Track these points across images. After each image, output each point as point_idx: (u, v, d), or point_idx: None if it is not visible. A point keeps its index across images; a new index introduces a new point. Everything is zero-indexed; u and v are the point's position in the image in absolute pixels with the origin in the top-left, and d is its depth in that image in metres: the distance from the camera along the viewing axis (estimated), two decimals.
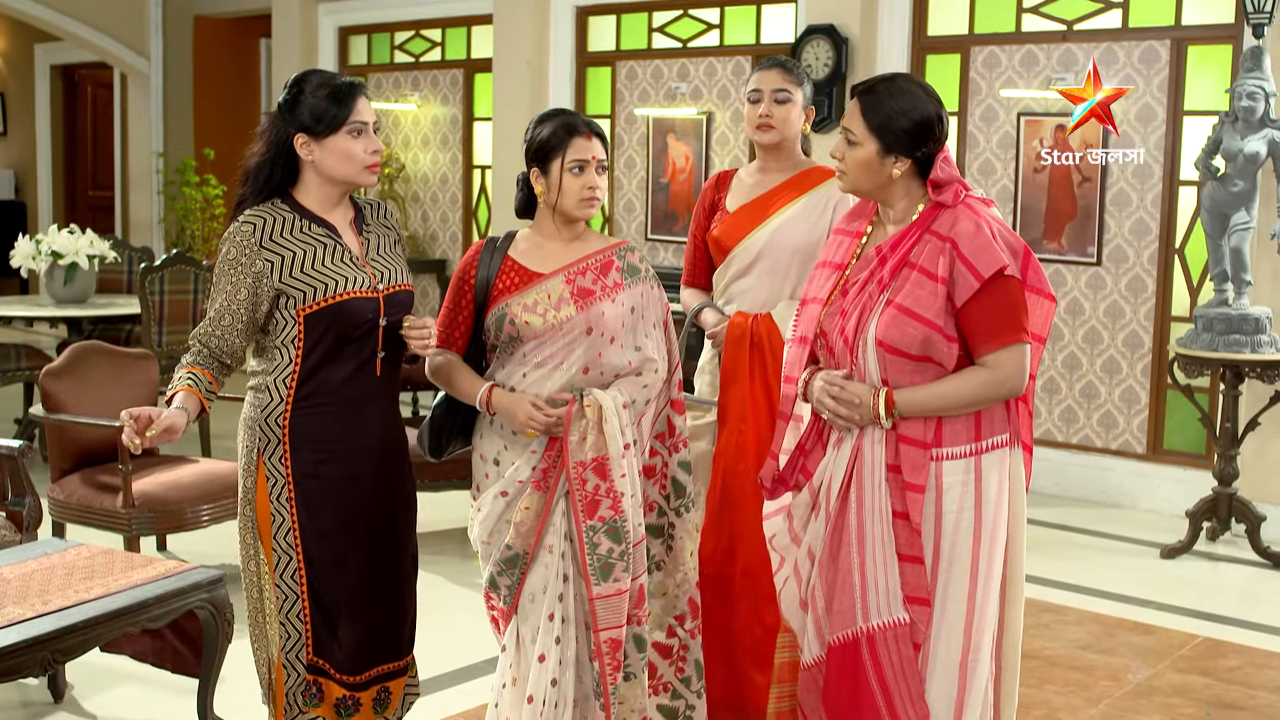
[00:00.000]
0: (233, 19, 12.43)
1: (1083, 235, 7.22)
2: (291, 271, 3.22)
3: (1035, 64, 7.35)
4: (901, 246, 3.02)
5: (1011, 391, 2.99)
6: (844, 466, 3.06)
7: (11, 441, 4.70)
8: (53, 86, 14.07)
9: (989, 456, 3.02)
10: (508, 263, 3.38)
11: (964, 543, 2.99)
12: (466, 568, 5.87)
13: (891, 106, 3.02)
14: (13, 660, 3.41)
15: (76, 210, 13.87)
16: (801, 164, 4.05)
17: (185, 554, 5.85)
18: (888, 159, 3.03)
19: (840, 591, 3.04)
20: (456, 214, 10.17)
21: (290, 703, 3.36)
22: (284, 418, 3.26)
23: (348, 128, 3.24)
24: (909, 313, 2.95)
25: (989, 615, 3.03)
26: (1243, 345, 6.14)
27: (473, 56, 10.02)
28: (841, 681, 3.05)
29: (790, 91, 3.96)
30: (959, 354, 2.98)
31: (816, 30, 7.66)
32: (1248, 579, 6.07)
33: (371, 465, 3.35)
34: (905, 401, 2.97)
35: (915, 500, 2.97)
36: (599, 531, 3.25)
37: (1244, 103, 6.08)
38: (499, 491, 3.32)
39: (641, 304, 3.39)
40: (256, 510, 3.31)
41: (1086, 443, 7.34)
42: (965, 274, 2.93)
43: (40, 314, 7.96)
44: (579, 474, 3.24)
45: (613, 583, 3.26)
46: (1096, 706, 4.51)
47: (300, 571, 3.30)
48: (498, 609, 3.39)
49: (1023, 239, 3.11)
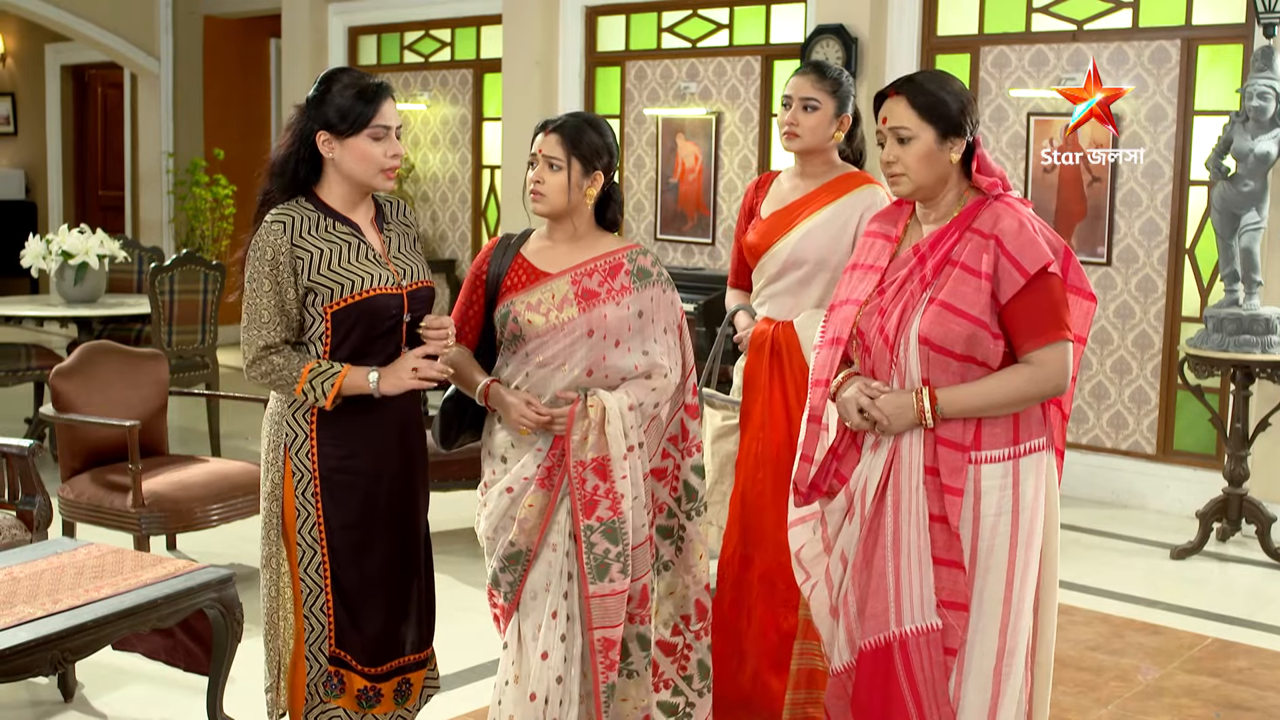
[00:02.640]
0: (242, 19, 12.45)
1: (1093, 235, 7.21)
2: (320, 269, 3.25)
3: (1045, 64, 7.34)
4: (942, 244, 3.00)
5: (1056, 389, 2.96)
6: (880, 469, 3.02)
7: (22, 441, 4.71)
8: (63, 86, 14.10)
9: (1027, 460, 2.99)
10: (518, 260, 3.39)
11: (1001, 547, 2.97)
12: (476, 567, 5.87)
13: (937, 89, 3.02)
14: (22, 659, 3.42)
15: (87, 210, 13.89)
16: (836, 170, 4.00)
17: (195, 553, 5.85)
18: (946, 144, 3.00)
19: (874, 596, 3.01)
20: (466, 214, 10.18)
21: (311, 693, 3.39)
22: (312, 413, 3.31)
23: (370, 130, 3.26)
24: (953, 309, 2.92)
25: (1024, 620, 3.01)
26: (1253, 345, 6.13)
27: (482, 56, 10.03)
28: (873, 687, 3.02)
29: (818, 100, 3.92)
30: (1003, 352, 2.95)
31: (826, 30, 7.65)
32: (1258, 580, 6.06)
33: (394, 460, 3.40)
34: (948, 400, 2.94)
35: (954, 503, 2.94)
36: (596, 531, 3.26)
37: (1255, 102, 6.07)
38: (505, 488, 3.33)
39: (650, 308, 3.38)
40: (284, 505, 3.34)
41: (1096, 443, 7.32)
42: (1010, 270, 2.91)
43: (50, 314, 7.97)
44: (579, 473, 3.25)
45: (608, 583, 3.27)
46: (1106, 707, 4.50)
47: (324, 565, 3.34)
48: (499, 605, 3.40)
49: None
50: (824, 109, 3.92)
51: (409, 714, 3.53)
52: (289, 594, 3.38)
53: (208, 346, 7.76)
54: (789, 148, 3.98)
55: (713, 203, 8.70)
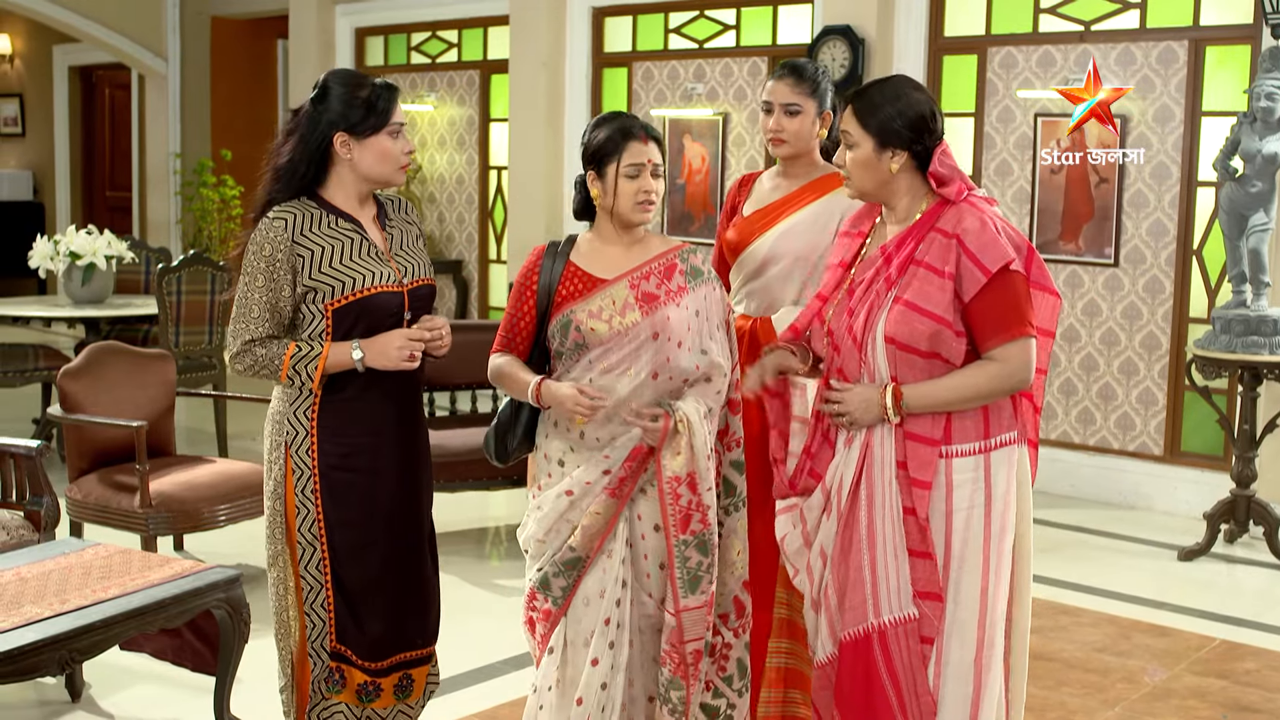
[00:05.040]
0: (249, 20, 12.46)
1: (1100, 236, 7.20)
2: (320, 267, 3.27)
3: (1052, 65, 7.33)
4: (906, 245, 3.06)
5: (1020, 384, 3.03)
6: (854, 464, 3.09)
7: (29, 441, 4.71)
8: (70, 88, 14.13)
9: (998, 454, 3.06)
10: (570, 268, 3.35)
11: (975, 539, 3.02)
12: (482, 568, 5.88)
13: (881, 102, 3.08)
14: (30, 659, 3.42)
15: (94, 211, 13.92)
16: (818, 170, 4.02)
17: (202, 554, 5.86)
18: (884, 154, 3.07)
19: (852, 588, 3.08)
20: (473, 215, 10.18)
21: (315, 690, 3.40)
22: (312, 410, 3.32)
23: (389, 128, 3.31)
24: (917, 308, 2.99)
25: (1000, 611, 3.07)
26: (1261, 347, 6.12)
27: (489, 57, 10.03)
28: (854, 677, 3.08)
29: (800, 104, 3.92)
30: (966, 349, 3.01)
31: (833, 31, 7.65)
32: (1265, 581, 6.05)
33: (395, 457, 3.41)
34: (914, 396, 3.01)
35: (921, 496, 3.00)
36: (690, 545, 3.26)
37: (1262, 103, 6.05)
38: (564, 490, 3.30)
39: (705, 306, 3.37)
40: (285, 503, 3.36)
41: (1104, 444, 7.31)
42: (972, 269, 2.97)
43: (58, 314, 7.98)
44: (673, 489, 3.24)
45: (699, 595, 3.27)
46: (1113, 709, 4.50)
47: (324, 561, 3.35)
48: (541, 610, 3.35)
49: (1026, 237, 3.14)
50: (806, 111, 3.93)
51: (411, 710, 3.53)
52: (292, 592, 3.39)
53: (215, 347, 7.77)
54: (777, 154, 4.00)
55: (719, 203, 8.70)
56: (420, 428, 3.51)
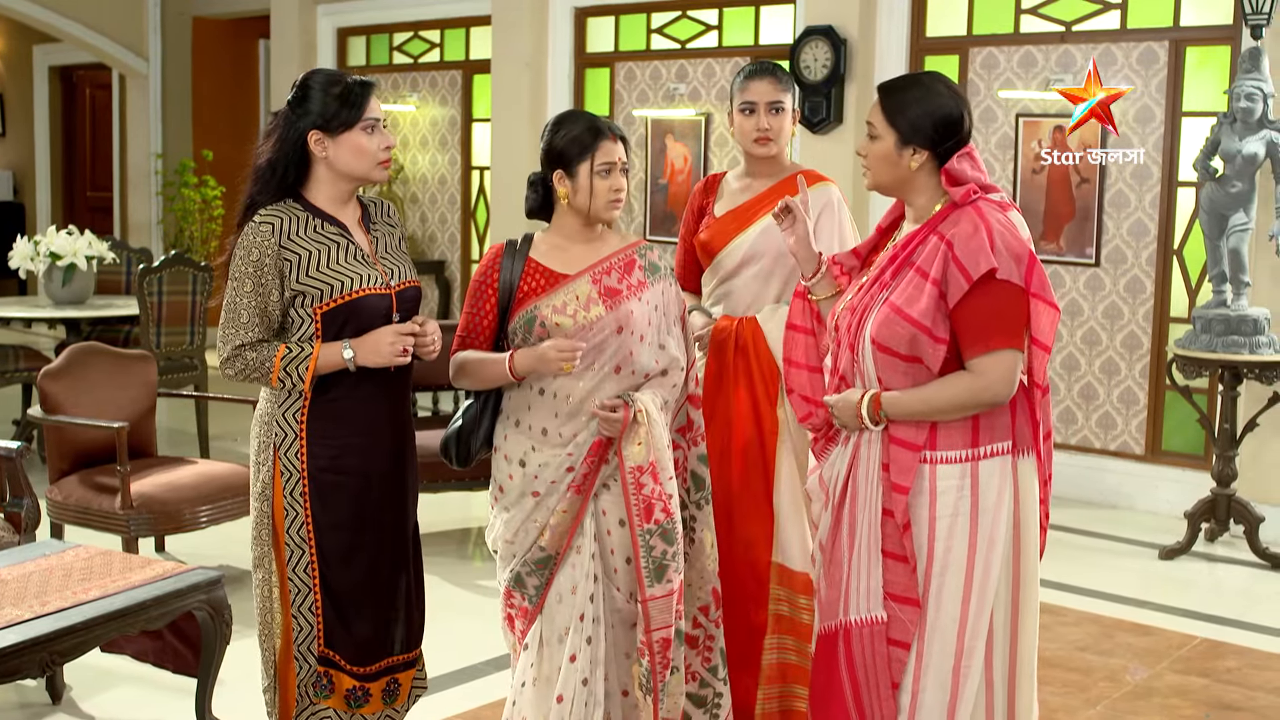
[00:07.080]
0: (231, 20, 12.43)
1: (1081, 236, 7.22)
2: (308, 271, 3.26)
3: (1034, 65, 7.35)
4: (910, 246, 3.04)
5: (995, 399, 2.95)
6: (846, 463, 3.09)
7: (10, 443, 4.70)
8: (51, 87, 14.07)
9: (988, 463, 2.99)
10: (531, 265, 3.39)
11: (959, 547, 2.98)
12: (465, 568, 5.87)
13: (910, 99, 3.05)
14: (11, 662, 3.40)
15: (75, 211, 13.86)
16: (788, 169, 4.02)
17: (184, 555, 5.84)
18: (905, 150, 3.04)
19: (831, 584, 3.10)
20: (455, 215, 10.17)
21: (301, 694, 3.39)
22: (301, 413, 3.31)
23: (362, 124, 3.29)
24: (899, 311, 2.96)
25: (982, 622, 3.02)
26: (1241, 346, 6.14)
27: (471, 57, 10.02)
28: (819, 672, 3.11)
29: (783, 102, 3.92)
30: (946, 357, 2.96)
31: (815, 31, 7.65)
32: (1246, 580, 6.07)
33: (383, 460, 3.40)
34: (891, 403, 2.99)
35: (899, 500, 2.98)
36: (654, 535, 3.29)
37: (1242, 104, 6.08)
38: (530, 492, 3.33)
39: (663, 302, 3.43)
40: (273, 506, 3.34)
41: (1085, 444, 7.34)
42: (957, 275, 2.92)
43: (39, 315, 7.95)
44: (635, 479, 3.27)
45: (665, 584, 3.30)
46: (1095, 707, 4.51)
47: (313, 565, 3.34)
48: (518, 607, 3.40)
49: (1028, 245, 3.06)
50: (788, 108, 3.94)
51: (397, 714, 3.53)
52: (279, 594, 3.38)
53: (196, 348, 7.75)
54: (763, 153, 3.95)
55: None
56: (408, 430, 3.50)
